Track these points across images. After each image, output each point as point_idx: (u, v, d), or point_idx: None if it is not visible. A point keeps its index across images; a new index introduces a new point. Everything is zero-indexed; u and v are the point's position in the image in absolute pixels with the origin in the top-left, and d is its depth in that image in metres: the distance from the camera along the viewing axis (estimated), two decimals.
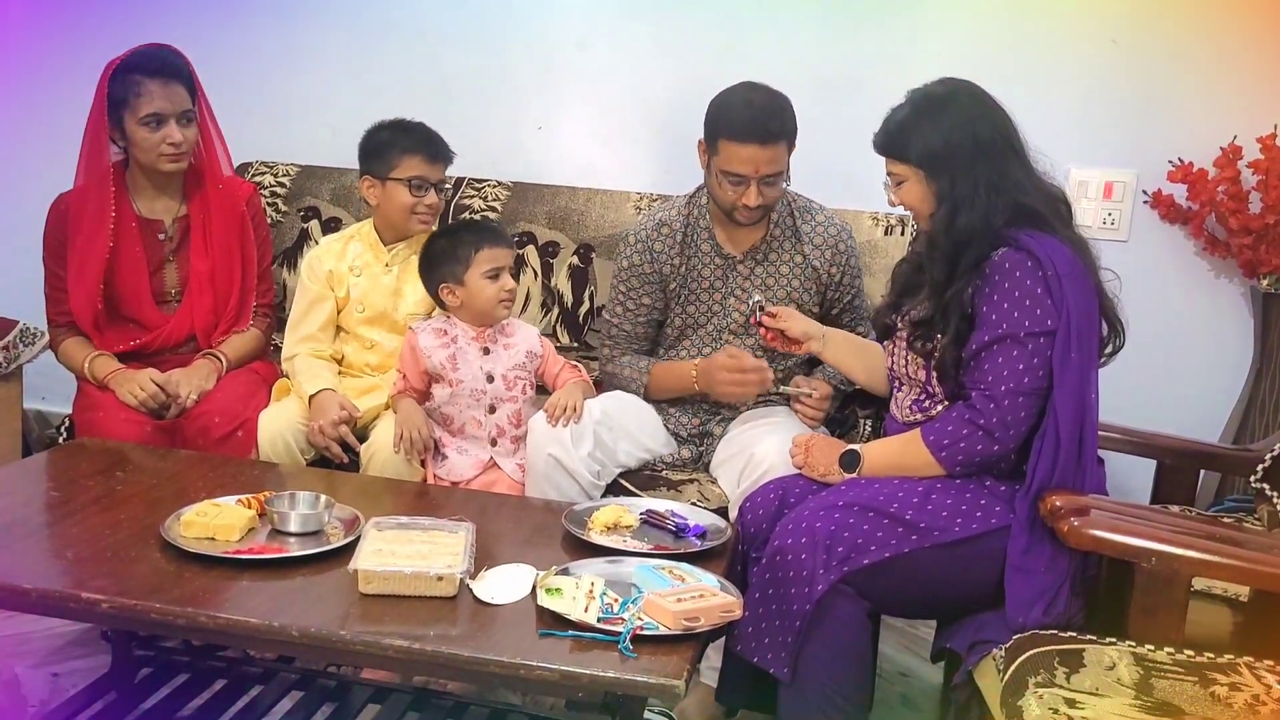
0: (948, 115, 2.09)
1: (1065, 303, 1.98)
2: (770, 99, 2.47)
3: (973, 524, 2.01)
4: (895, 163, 2.15)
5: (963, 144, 2.06)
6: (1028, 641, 1.81)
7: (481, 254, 2.50)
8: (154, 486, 2.21)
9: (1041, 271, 1.99)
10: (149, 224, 2.75)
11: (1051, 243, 2.02)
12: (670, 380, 2.66)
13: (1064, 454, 2.00)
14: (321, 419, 2.52)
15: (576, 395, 2.51)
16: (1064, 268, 1.99)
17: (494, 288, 2.51)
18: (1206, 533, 1.94)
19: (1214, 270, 3.06)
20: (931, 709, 2.61)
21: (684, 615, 1.72)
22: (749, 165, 2.44)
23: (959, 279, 2.06)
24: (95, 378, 2.64)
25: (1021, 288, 2.00)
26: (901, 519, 2.00)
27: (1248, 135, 2.87)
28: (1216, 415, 3.02)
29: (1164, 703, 1.62)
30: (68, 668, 2.51)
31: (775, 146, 2.44)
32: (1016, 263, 2.01)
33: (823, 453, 2.23)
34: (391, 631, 1.70)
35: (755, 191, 2.46)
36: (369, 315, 2.72)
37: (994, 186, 2.05)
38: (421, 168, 2.66)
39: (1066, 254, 2.02)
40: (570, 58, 3.33)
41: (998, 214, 2.05)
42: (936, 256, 2.10)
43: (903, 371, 2.22)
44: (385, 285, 2.71)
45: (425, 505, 2.25)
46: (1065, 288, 1.98)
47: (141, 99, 2.60)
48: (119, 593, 1.76)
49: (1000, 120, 2.10)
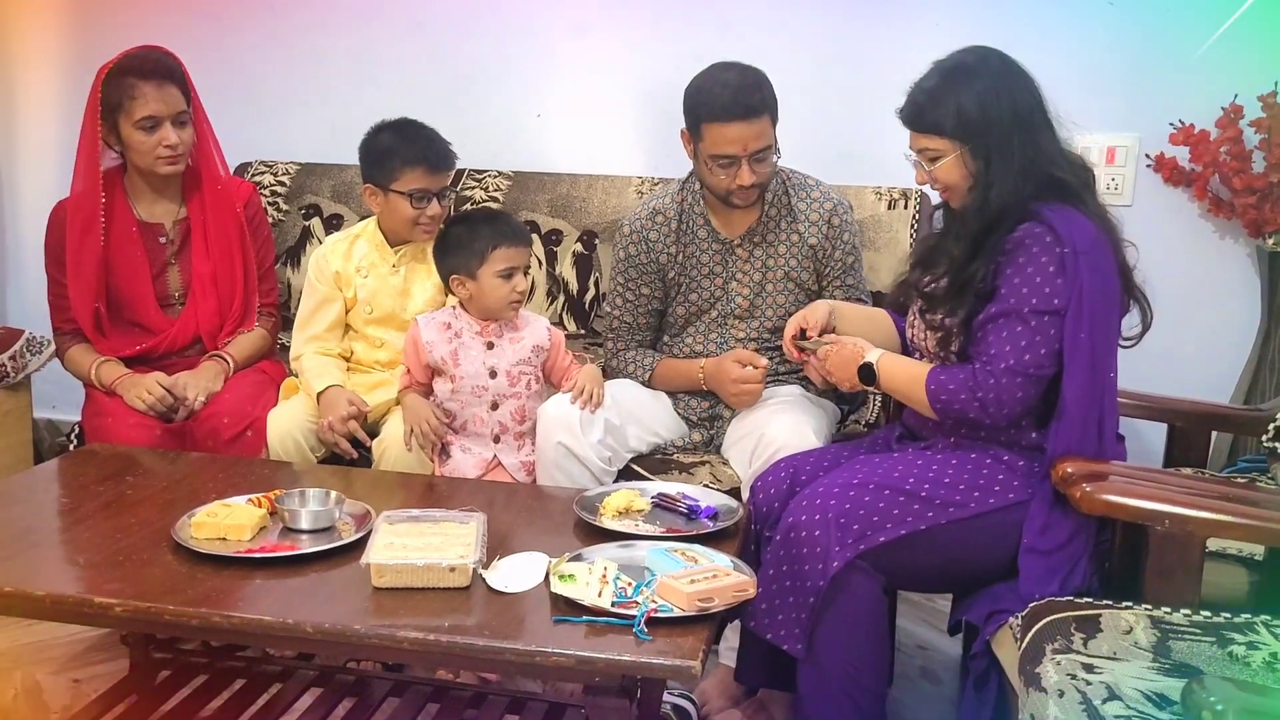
0: (983, 83, 2.02)
1: (1079, 280, 1.94)
2: (744, 75, 2.44)
3: (990, 499, 2.00)
4: (930, 137, 2.07)
5: (1001, 114, 2.01)
6: (1044, 609, 1.80)
7: (498, 252, 2.43)
8: (164, 489, 2.22)
9: (1060, 248, 1.95)
10: (149, 228, 2.75)
11: (1077, 218, 1.98)
12: (676, 378, 2.65)
13: (1081, 432, 1.98)
14: (330, 415, 2.52)
15: (599, 380, 2.50)
16: (1084, 244, 1.95)
17: (506, 288, 2.45)
18: (1220, 493, 1.93)
19: (1219, 231, 3.04)
20: (951, 681, 2.61)
21: (698, 596, 1.72)
22: (737, 144, 2.42)
23: (982, 256, 2.02)
24: (102, 384, 2.64)
25: (1036, 264, 1.97)
26: (917, 495, 1.99)
27: (1249, 94, 2.84)
28: (1226, 376, 3.01)
29: (1182, 664, 1.61)
30: (88, 673, 2.52)
31: (759, 120, 2.42)
32: (1036, 237, 1.98)
33: (842, 367, 2.22)
34: (406, 624, 1.69)
35: (748, 170, 2.44)
36: (377, 316, 2.70)
37: (1029, 159, 2.01)
38: (423, 180, 2.60)
39: (1090, 230, 1.97)
40: (567, 44, 3.32)
41: (1030, 188, 2.00)
42: (965, 234, 2.06)
43: (921, 344, 2.20)
44: (393, 286, 2.69)
45: (435, 498, 2.25)
46: (1081, 265, 1.94)
47: (136, 102, 2.59)
48: (132, 596, 1.77)
49: (1033, 87, 2.06)
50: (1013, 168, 2.00)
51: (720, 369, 2.54)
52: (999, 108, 2.01)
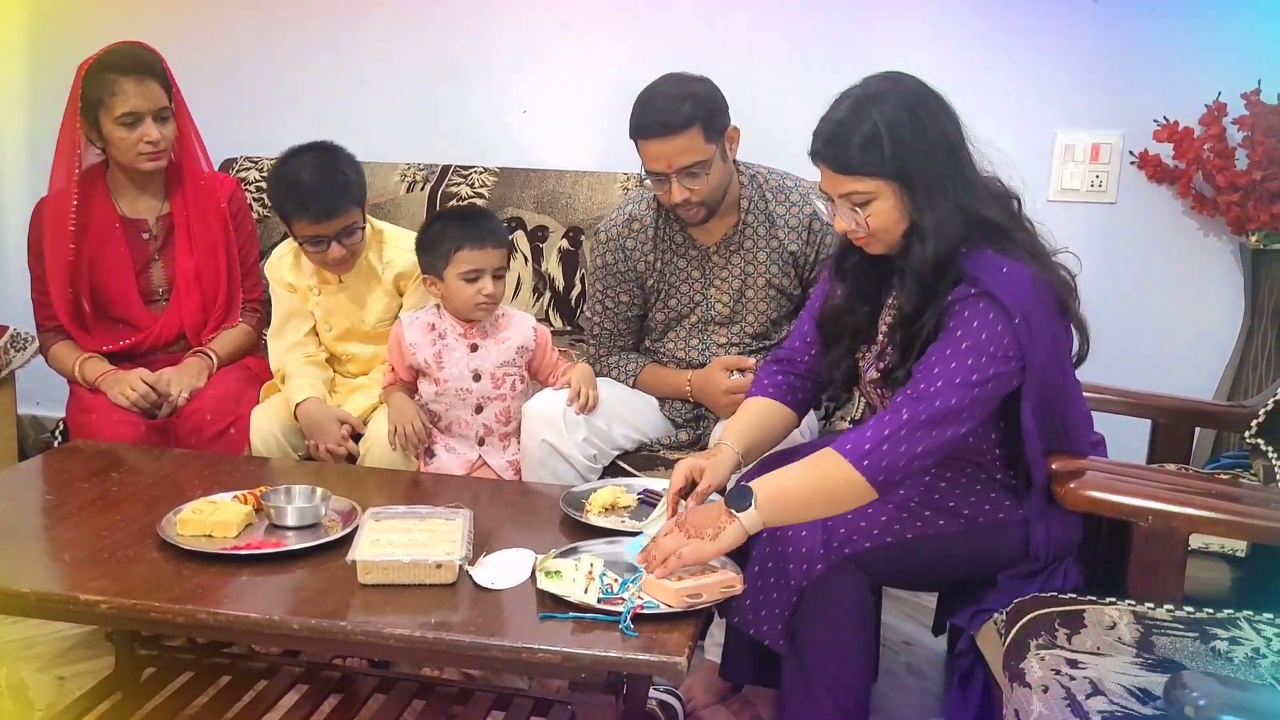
0: (908, 111, 1.80)
1: (1034, 345, 1.78)
2: (672, 87, 2.36)
3: (979, 517, 1.96)
4: (857, 179, 1.82)
5: (938, 147, 1.81)
6: (1029, 604, 1.81)
7: (460, 254, 2.38)
8: (149, 486, 2.21)
9: (1008, 318, 1.76)
10: (133, 223, 2.74)
11: (1014, 273, 1.78)
12: (663, 388, 2.65)
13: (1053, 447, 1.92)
14: (321, 438, 2.49)
15: (593, 381, 2.50)
16: (1027, 300, 1.77)
17: (470, 290, 2.40)
18: (1203, 489, 1.94)
19: (1202, 229, 3.06)
20: (937, 676, 2.62)
21: (686, 592, 1.72)
22: (659, 160, 2.37)
23: (932, 308, 1.83)
24: (86, 380, 2.63)
25: (986, 348, 1.76)
26: (905, 505, 1.95)
27: (1232, 91, 2.86)
28: (1210, 373, 3.03)
29: (1165, 659, 1.62)
30: (73, 670, 2.51)
31: (677, 137, 2.33)
32: (978, 313, 1.78)
33: (700, 515, 1.84)
34: (392, 621, 1.69)
35: (677, 186, 2.38)
36: (336, 333, 2.69)
37: (959, 198, 1.82)
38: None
39: (1026, 279, 1.78)
40: (553, 39, 3.31)
41: (958, 228, 1.81)
42: (911, 286, 1.84)
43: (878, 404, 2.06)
44: (344, 301, 2.66)
45: (421, 494, 2.25)
46: (1033, 325, 1.77)
47: (116, 98, 2.58)
48: (118, 593, 1.76)
49: (954, 114, 1.86)
50: (948, 203, 1.81)
51: (709, 380, 2.53)
52: (929, 138, 1.80)
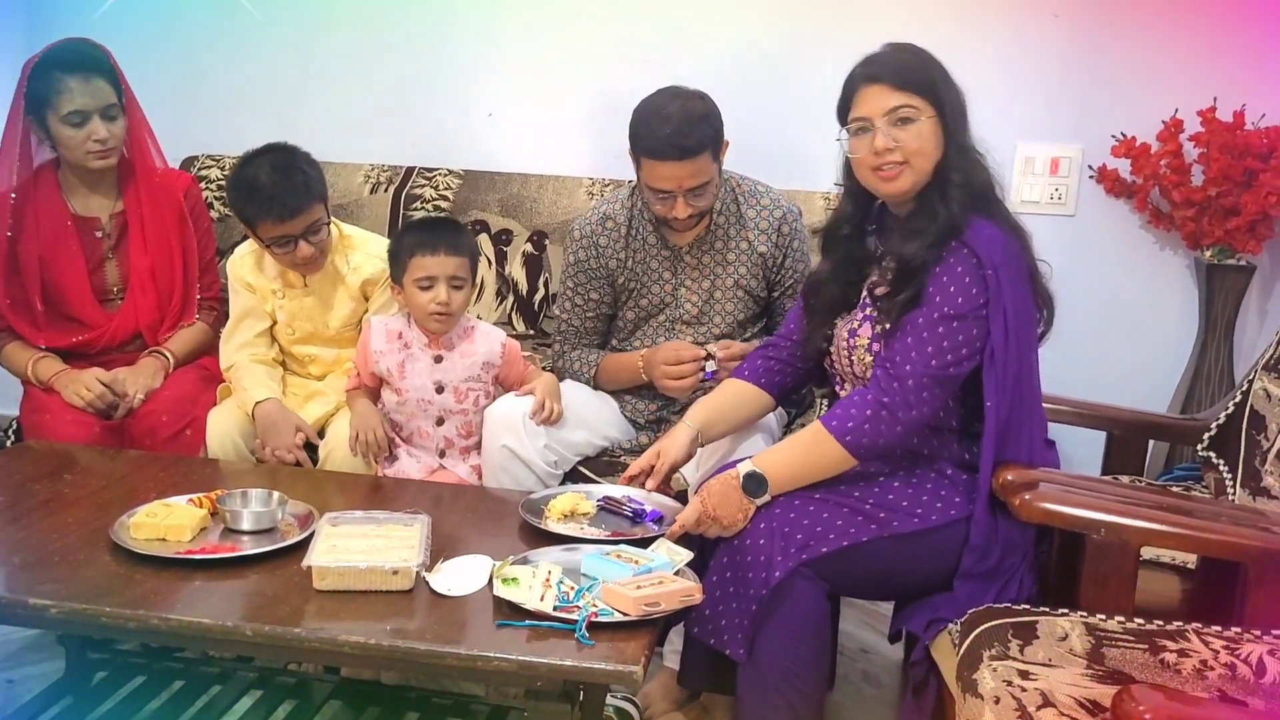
0: (946, 70, 1.98)
1: (1001, 297, 1.91)
2: (686, 110, 2.37)
3: (933, 516, 1.99)
4: (909, 94, 1.93)
5: (960, 103, 1.97)
6: (982, 615, 1.83)
7: (415, 261, 2.36)
8: (103, 488, 2.19)
9: (982, 270, 1.91)
10: (85, 221, 2.70)
11: (986, 230, 1.94)
12: (620, 372, 2.65)
13: (1007, 442, 1.98)
14: (275, 442, 2.45)
15: (557, 393, 2.48)
16: (999, 258, 1.92)
17: (424, 298, 2.36)
18: (1154, 502, 1.96)
19: (1158, 243, 3.10)
20: (893, 685, 2.63)
21: (644, 601, 1.72)
22: (671, 181, 2.40)
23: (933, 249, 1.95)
24: (40, 380, 2.60)
25: (952, 274, 1.93)
26: (860, 509, 1.98)
27: (1189, 108, 2.90)
28: (1164, 386, 3.07)
29: (1115, 671, 1.64)
30: (22, 673, 2.48)
31: (694, 160, 2.37)
32: (961, 258, 1.94)
33: (724, 498, 1.98)
34: (348, 628, 1.69)
35: (683, 204, 2.43)
36: (300, 336, 2.67)
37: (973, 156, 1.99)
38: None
39: (999, 240, 1.94)
40: (518, 43, 3.30)
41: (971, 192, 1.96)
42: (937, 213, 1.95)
43: (847, 370, 2.14)
44: (308, 305, 2.64)
45: (380, 499, 2.24)
46: (1002, 280, 1.91)
47: (62, 96, 2.55)
48: (68, 597, 1.74)
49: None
50: (968, 160, 1.97)
51: (656, 356, 2.54)
52: (956, 91, 1.97)
